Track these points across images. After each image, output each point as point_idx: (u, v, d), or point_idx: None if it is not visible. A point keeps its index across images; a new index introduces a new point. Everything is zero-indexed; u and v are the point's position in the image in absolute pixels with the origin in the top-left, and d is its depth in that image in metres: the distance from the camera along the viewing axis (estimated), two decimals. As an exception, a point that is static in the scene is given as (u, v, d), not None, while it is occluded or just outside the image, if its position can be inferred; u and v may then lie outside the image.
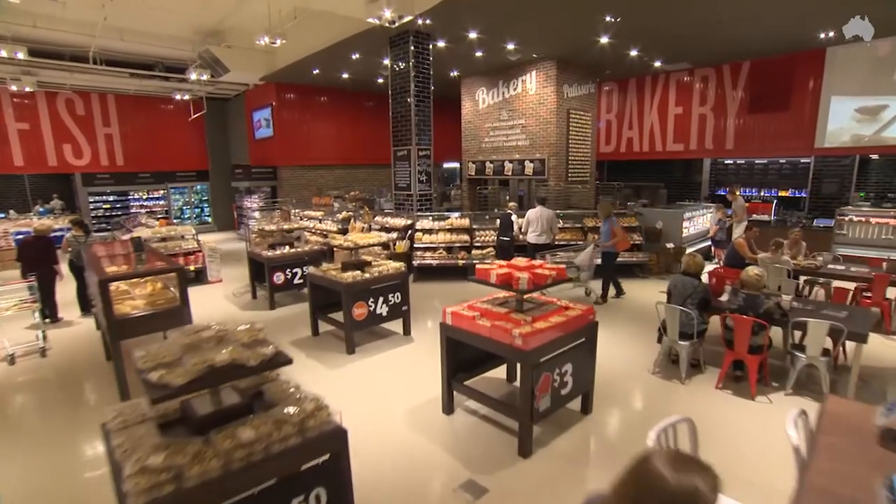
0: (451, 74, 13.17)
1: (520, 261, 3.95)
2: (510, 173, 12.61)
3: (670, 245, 8.99)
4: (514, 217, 8.92)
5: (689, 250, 9.65)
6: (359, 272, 5.73)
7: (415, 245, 9.33)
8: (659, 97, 13.45)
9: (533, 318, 3.59)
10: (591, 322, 3.94)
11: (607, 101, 14.59)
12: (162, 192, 17.06)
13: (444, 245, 9.27)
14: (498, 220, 9.28)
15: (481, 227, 9.55)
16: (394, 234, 9.68)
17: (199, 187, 18.09)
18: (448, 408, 4.21)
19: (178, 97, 15.65)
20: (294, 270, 7.82)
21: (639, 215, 9.58)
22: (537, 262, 3.95)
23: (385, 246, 9.61)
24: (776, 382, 4.73)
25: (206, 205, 18.37)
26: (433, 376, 4.52)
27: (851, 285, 6.43)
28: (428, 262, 9.16)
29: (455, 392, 4.19)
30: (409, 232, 9.53)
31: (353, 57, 11.30)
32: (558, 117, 11.50)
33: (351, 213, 11.79)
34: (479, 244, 9.29)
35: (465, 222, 9.47)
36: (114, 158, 15.50)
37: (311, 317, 6.35)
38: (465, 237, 9.34)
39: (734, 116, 12.14)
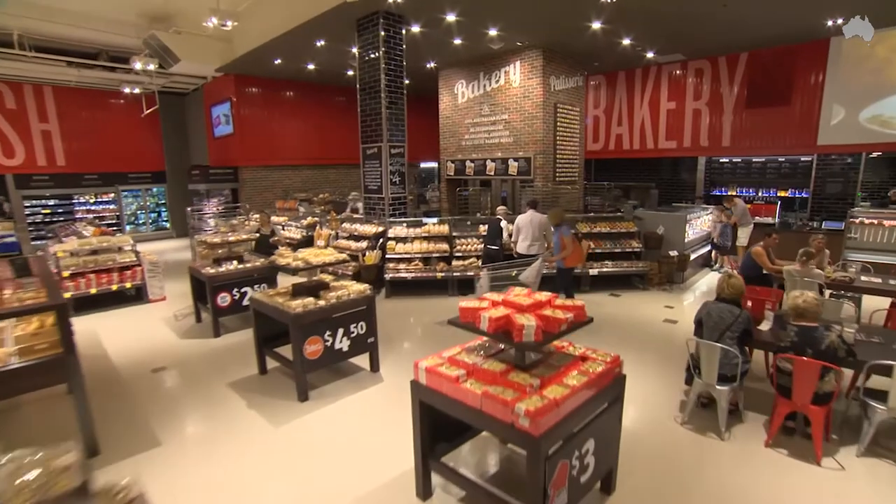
0: (428, 66, 12.08)
1: (520, 295, 2.89)
2: (492, 173, 11.59)
3: (674, 252, 8.07)
4: (503, 223, 7.89)
5: (692, 256, 8.79)
6: (312, 299, 4.58)
7: (387, 256, 8.20)
8: (650, 91, 12.60)
9: (542, 381, 2.52)
10: (619, 377, 2.91)
11: (595, 95, 13.70)
12: (112, 195, 15.52)
13: (420, 255, 8.17)
14: (482, 227, 8.22)
15: (463, 234, 8.47)
16: (363, 243, 8.54)
17: (155, 190, 16.58)
18: (424, 491, 3.12)
19: (126, 90, 14.15)
20: (243, 290, 6.61)
21: (637, 220, 8.64)
22: (544, 296, 2.89)
23: (354, 257, 8.48)
24: (836, 434, 3.78)
25: (164, 209, 16.87)
26: (405, 435, 3.42)
27: (885, 301, 5.60)
28: (402, 275, 8.04)
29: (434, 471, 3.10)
30: (381, 241, 8.40)
31: (318, 44, 10.10)
32: (545, 112, 10.52)
33: (317, 218, 10.60)
34: (460, 254, 8.21)
35: (444, 229, 8.38)
36: (53, 158, 13.92)
37: (256, 352, 5.18)
38: (444, 246, 8.25)
39: (731, 112, 11.36)
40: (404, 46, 8.72)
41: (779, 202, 10.71)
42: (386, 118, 8.50)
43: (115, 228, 15.32)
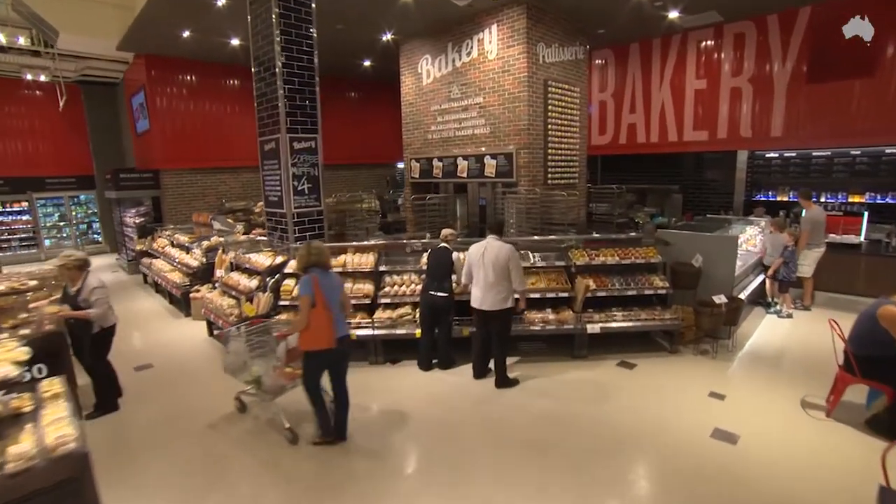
0: (384, 38, 9.35)
1: None
2: (465, 175, 8.81)
3: (720, 299, 5.16)
4: (456, 255, 5.11)
5: (741, 296, 5.88)
6: None
7: (280, 302, 5.47)
8: (673, 67, 9.70)
9: None
10: None
11: (601, 77, 10.83)
12: (26, 203, 13.06)
13: (329, 302, 5.41)
14: (425, 258, 5.42)
15: (395, 268, 5.71)
16: (255, 281, 5.82)
17: (83, 197, 14.10)
18: None
19: (28, 77, 11.66)
20: (-4, 376, 3.94)
21: (661, 243, 5.77)
22: None
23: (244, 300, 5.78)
24: None
25: (96, 219, 14.38)
26: None
27: None
28: (300, 332, 5.30)
29: None
30: (276, 277, 5.67)
31: (218, 4, 7.44)
32: (530, 91, 7.71)
33: (222, 238, 7.92)
34: (388, 300, 5.43)
35: (369, 260, 5.62)
36: (-61, 161, 11.53)
37: None
38: (368, 287, 5.48)
39: (784, 90, 8.41)
40: (314, 5, 6.03)
41: (866, 213, 7.67)
42: (285, 96, 5.79)
43: (27, 244, 13.00)
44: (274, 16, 5.65)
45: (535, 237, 6.43)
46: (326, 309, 3.59)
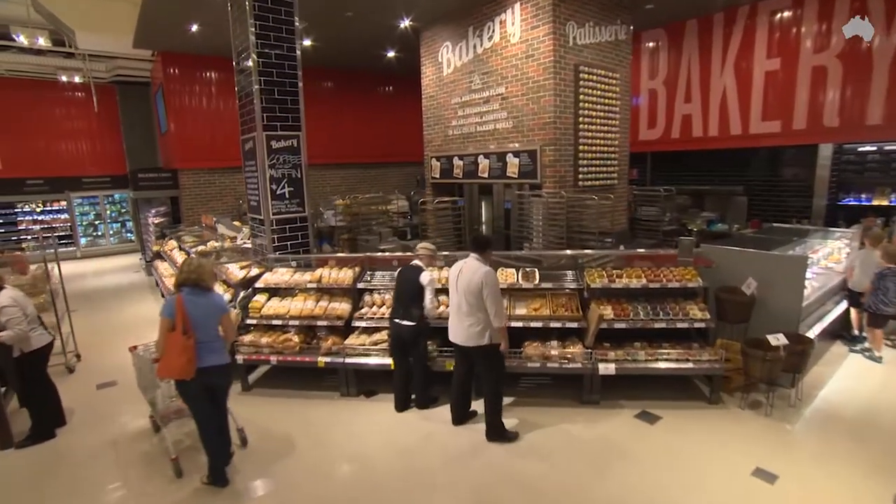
0: (402, 25, 8.56)
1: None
2: (486, 175, 7.88)
3: (777, 339, 3.92)
4: (425, 276, 4.18)
5: (811, 333, 4.56)
6: None
7: (248, 320, 4.82)
8: (738, 46, 8.24)
9: None
10: None
11: (651, 61, 9.50)
12: (64, 203, 13.47)
13: (298, 321, 4.70)
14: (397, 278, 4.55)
15: (376, 284, 4.90)
16: (228, 296, 5.23)
17: (117, 196, 14.39)
18: None
19: (64, 79, 11.89)
20: None
21: (700, 263, 4.55)
22: None
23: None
24: None
25: (129, 218, 14.67)
26: None
27: None
28: (263, 355, 4.61)
29: None
30: (248, 292, 5.04)
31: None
32: (557, 78, 6.64)
33: (218, 244, 7.46)
34: (365, 322, 4.64)
35: (347, 276, 4.84)
36: (-15, 161, 12.03)
37: None
38: (344, 307, 4.71)
39: (887, 67, 6.81)
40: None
41: None
42: (261, 92, 5.13)
43: (64, 242, 13.39)
44: (248, -1, 5.01)
45: (574, 248, 5.39)
46: (187, 334, 3.06)
